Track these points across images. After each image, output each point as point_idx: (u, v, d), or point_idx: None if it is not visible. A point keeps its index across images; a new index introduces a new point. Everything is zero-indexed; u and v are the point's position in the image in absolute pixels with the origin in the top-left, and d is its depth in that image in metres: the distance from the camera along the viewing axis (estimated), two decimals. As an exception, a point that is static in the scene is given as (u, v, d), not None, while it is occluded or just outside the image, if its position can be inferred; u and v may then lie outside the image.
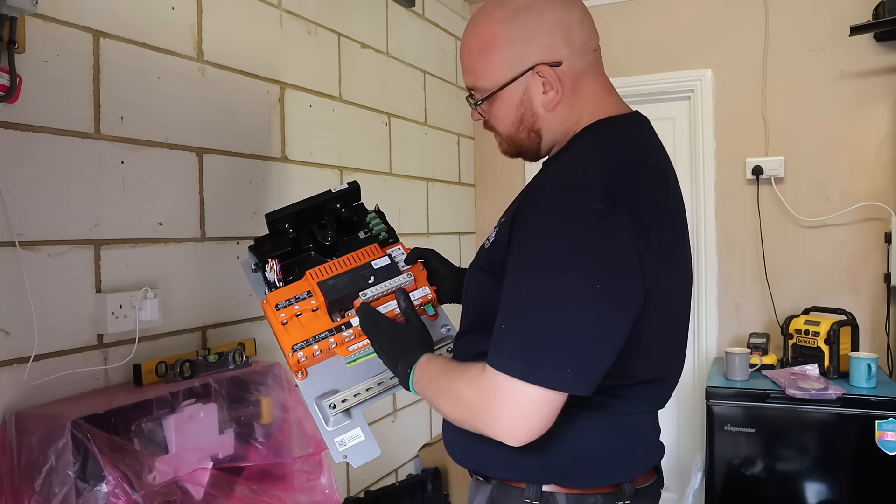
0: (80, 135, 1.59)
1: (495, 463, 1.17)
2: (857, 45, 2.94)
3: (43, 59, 1.51)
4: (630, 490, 1.15)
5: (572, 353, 0.96)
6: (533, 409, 0.97)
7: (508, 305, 1.01)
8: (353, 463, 1.34)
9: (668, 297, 1.13)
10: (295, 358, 1.31)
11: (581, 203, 0.99)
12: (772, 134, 3.11)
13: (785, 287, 3.09)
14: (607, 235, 0.99)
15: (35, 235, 1.49)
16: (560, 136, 1.18)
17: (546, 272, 0.98)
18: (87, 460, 1.33)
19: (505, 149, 1.26)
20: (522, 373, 0.95)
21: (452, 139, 3.44)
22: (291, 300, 1.34)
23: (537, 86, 1.14)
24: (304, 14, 2.33)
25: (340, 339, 1.33)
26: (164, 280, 1.79)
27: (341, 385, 1.36)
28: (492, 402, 0.98)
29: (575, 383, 0.96)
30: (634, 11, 3.30)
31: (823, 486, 2.51)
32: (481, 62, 1.16)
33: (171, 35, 1.82)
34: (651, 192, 1.08)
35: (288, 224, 1.45)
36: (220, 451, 1.61)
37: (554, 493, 1.13)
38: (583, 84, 1.16)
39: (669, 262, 1.12)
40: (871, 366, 2.54)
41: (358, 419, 1.36)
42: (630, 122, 1.19)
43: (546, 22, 1.12)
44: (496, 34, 1.14)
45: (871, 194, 2.94)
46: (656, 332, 1.13)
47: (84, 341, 1.59)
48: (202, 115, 1.91)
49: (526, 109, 1.16)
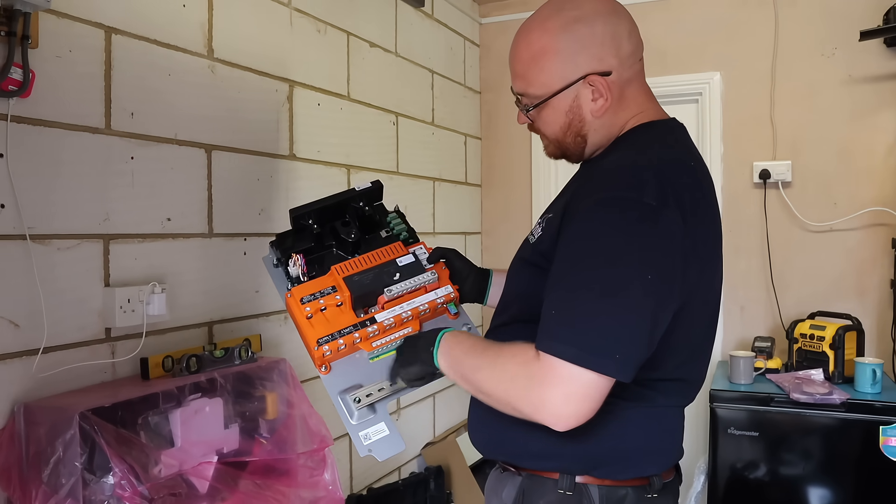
0: (90, 130, 1.60)
1: (529, 453, 1.18)
2: (866, 50, 2.93)
3: (55, 55, 1.52)
4: (658, 483, 1.18)
5: (620, 339, 0.98)
6: (584, 393, 0.98)
7: (559, 292, 1.03)
8: (378, 457, 1.34)
9: (706, 296, 1.17)
10: (320, 352, 1.32)
11: (635, 197, 1.02)
12: (780, 138, 3.11)
13: (791, 291, 3.09)
14: (658, 230, 1.02)
15: (45, 229, 1.51)
16: (605, 140, 1.22)
17: (598, 261, 1.01)
18: (94, 452, 1.34)
19: (551, 151, 1.29)
20: (575, 357, 0.97)
21: (459, 139, 3.45)
22: (316, 294, 1.35)
23: (587, 94, 1.18)
24: (314, 13, 2.35)
25: (365, 335, 1.34)
26: (171, 275, 1.80)
27: (365, 380, 1.36)
28: (544, 384, 0.99)
29: (621, 370, 0.98)
30: (643, 14, 3.28)
31: (827, 491, 2.51)
32: (533, 70, 1.19)
33: (181, 32, 1.83)
34: (694, 194, 1.11)
35: (312, 220, 1.46)
36: (225, 446, 1.62)
37: (587, 484, 1.15)
38: (629, 91, 1.20)
39: (709, 262, 1.15)
40: (876, 371, 2.53)
41: (382, 414, 1.36)
42: (671, 127, 1.23)
43: (598, 33, 1.16)
44: (549, 44, 1.17)
45: (879, 199, 2.93)
46: (695, 329, 1.16)
47: (92, 335, 1.60)
48: (211, 112, 1.93)
49: (574, 116, 1.20)
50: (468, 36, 3.52)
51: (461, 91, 3.45)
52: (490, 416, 1.17)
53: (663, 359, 1.10)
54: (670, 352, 1.11)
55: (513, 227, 3.56)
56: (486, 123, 3.66)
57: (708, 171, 1.22)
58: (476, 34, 3.62)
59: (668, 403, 1.19)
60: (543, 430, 1.05)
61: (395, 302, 1.36)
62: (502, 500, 1.22)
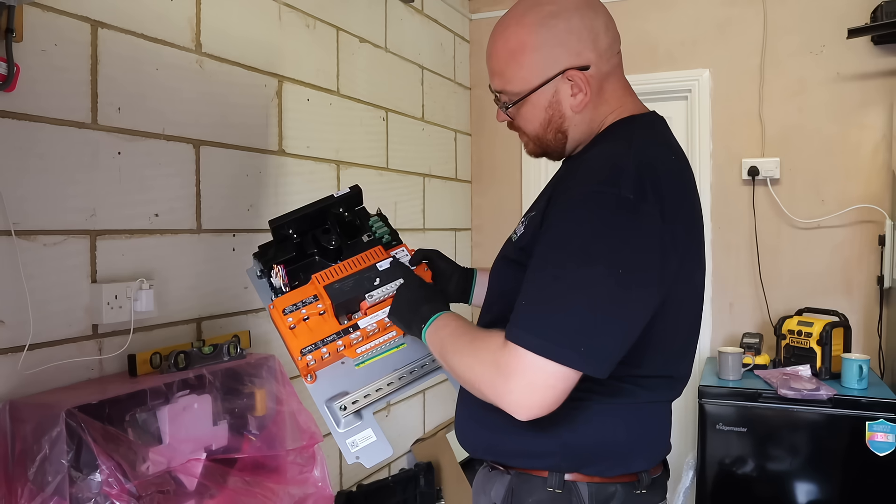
0: (77, 125, 1.58)
1: (517, 452, 1.18)
2: (854, 48, 2.95)
3: (41, 49, 1.51)
4: (647, 479, 1.19)
5: (587, 333, 0.98)
6: (547, 384, 0.98)
7: (531, 283, 1.03)
8: (365, 463, 1.34)
9: (688, 290, 1.17)
10: (304, 361, 1.32)
11: (612, 191, 1.02)
12: (768, 135, 3.12)
13: (779, 288, 3.11)
14: (635, 224, 1.02)
15: (31, 225, 1.49)
16: (585, 135, 1.22)
17: (571, 253, 1.01)
18: (81, 449, 1.33)
19: (531, 149, 1.29)
20: (539, 347, 0.97)
21: (450, 135, 3.44)
22: (298, 304, 1.35)
23: (566, 89, 1.17)
24: (303, 8, 2.33)
25: (348, 342, 1.33)
26: (159, 271, 1.79)
27: (351, 387, 1.36)
28: (508, 373, 1.00)
29: (588, 363, 0.98)
30: (633, 10, 3.30)
31: (814, 486, 2.53)
32: (511, 67, 1.19)
33: (169, 26, 1.82)
34: (675, 188, 1.11)
35: (292, 230, 1.46)
36: (213, 443, 1.61)
37: (576, 482, 1.15)
38: (607, 85, 1.20)
39: (690, 255, 1.15)
40: (862, 367, 2.55)
41: (369, 420, 1.37)
42: (651, 121, 1.23)
43: (574, 28, 1.15)
44: (526, 39, 1.16)
45: (866, 197, 2.95)
46: (678, 324, 1.16)
47: (79, 331, 1.59)
48: (200, 107, 1.91)
49: (554, 111, 1.19)
50: (458, 32, 3.52)
51: (451, 87, 3.44)
52: (477, 416, 1.17)
53: (648, 355, 1.10)
54: (654, 348, 1.11)
55: (503, 223, 3.55)
56: (477, 119, 3.65)
57: (689, 165, 1.21)
58: (466, 30, 3.62)
59: (654, 399, 1.19)
60: (532, 428, 1.05)
61: (378, 307, 1.35)
62: (491, 499, 1.22)
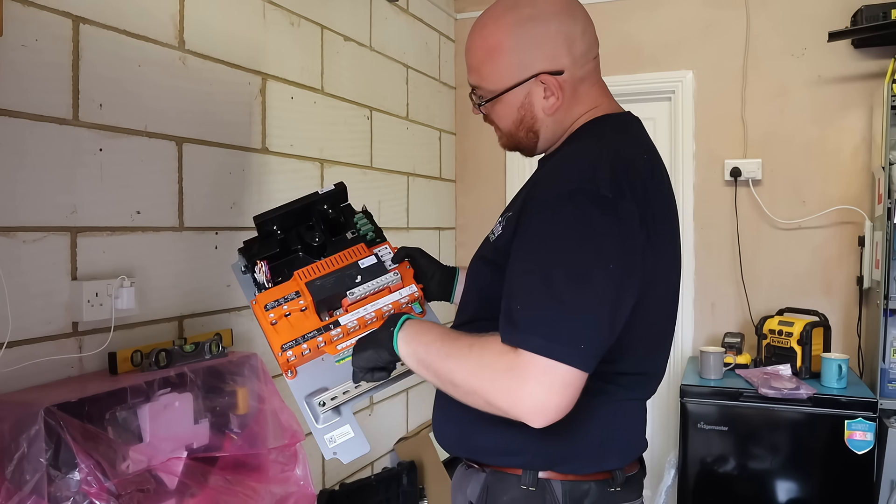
0: (58, 121, 1.57)
1: (492, 449, 1.18)
2: (835, 51, 2.98)
3: (21, 44, 1.49)
4: (621, 477, 1.19)
5: (585, 330, 0.97)
6: (564, 383, 0.96)
7: (523, 287, 1.01)
8: (343, 459, 1.35)
9: (664, 287, 1.17)
10: (284, 357, 1.32)
11: (592, 189, 1.02)
12: (750, 136, 3.15)
13: (760, 288, 3.14)
14: (616, 221, 1.02)
15: (10, 221, 1.48)
16: (557, 135, 1.23)
17: (559, 255, 1.00)
18: (60, 448, 1.32)
19: (504, 143, 1.30)
20: (548, 350, 0.95)
21: (434, 134, 3.44)
22: (280, 300, 1.35)
23: (539, 92, 1.18)
24: (287, 5, 2.33)
25: (329, 338, 1.34)
26: (141, 269, 1.78)
27: (330, 383, 1.36)
28: (525, 377, 0.96)
29: (586, 361, 0.97)
30: (617, 12, 3.32)
31: (794, 484, 2.55)
32: (486, 65, 1.20)
33: (152, 23, 1.81)
34: (649, 186, 1.11)
35: (276, 226, 1.46)
36: (194, 441, 1.60)
37: (550, 479, 1.15)
38: (582, 88, 1.21)
39: (665, 254, 1.15)
40: (841, 366, 2.58)
41: (347, 416, 1.37)
42: (625, 121, 1.24)
43: (551, 33, 1.16)
44: (502, 41, 1.17)
45: (846, 198, 2.99)
46: (654, 321, 1.17)
47: (59, 329, 1.58)
48: (182, 105, 1.90)
49: (526, 112, 1.21)
50: (443, 31, 3.52)
51: (436, 86, 3.44)
52: (454, 414, 1.17)
53: (624, 353, 1.10)
54: (630, 346, 1.11)
55: (487, 222, 3.52)
56: (461, 119, 3.66)
57: (663, 165, 1.23)
58: (451, 29, 3.62)
59: (629, 397, 1.20)
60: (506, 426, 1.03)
61: (359, 304, 1.36)
62: (467, 497, 1.23)
